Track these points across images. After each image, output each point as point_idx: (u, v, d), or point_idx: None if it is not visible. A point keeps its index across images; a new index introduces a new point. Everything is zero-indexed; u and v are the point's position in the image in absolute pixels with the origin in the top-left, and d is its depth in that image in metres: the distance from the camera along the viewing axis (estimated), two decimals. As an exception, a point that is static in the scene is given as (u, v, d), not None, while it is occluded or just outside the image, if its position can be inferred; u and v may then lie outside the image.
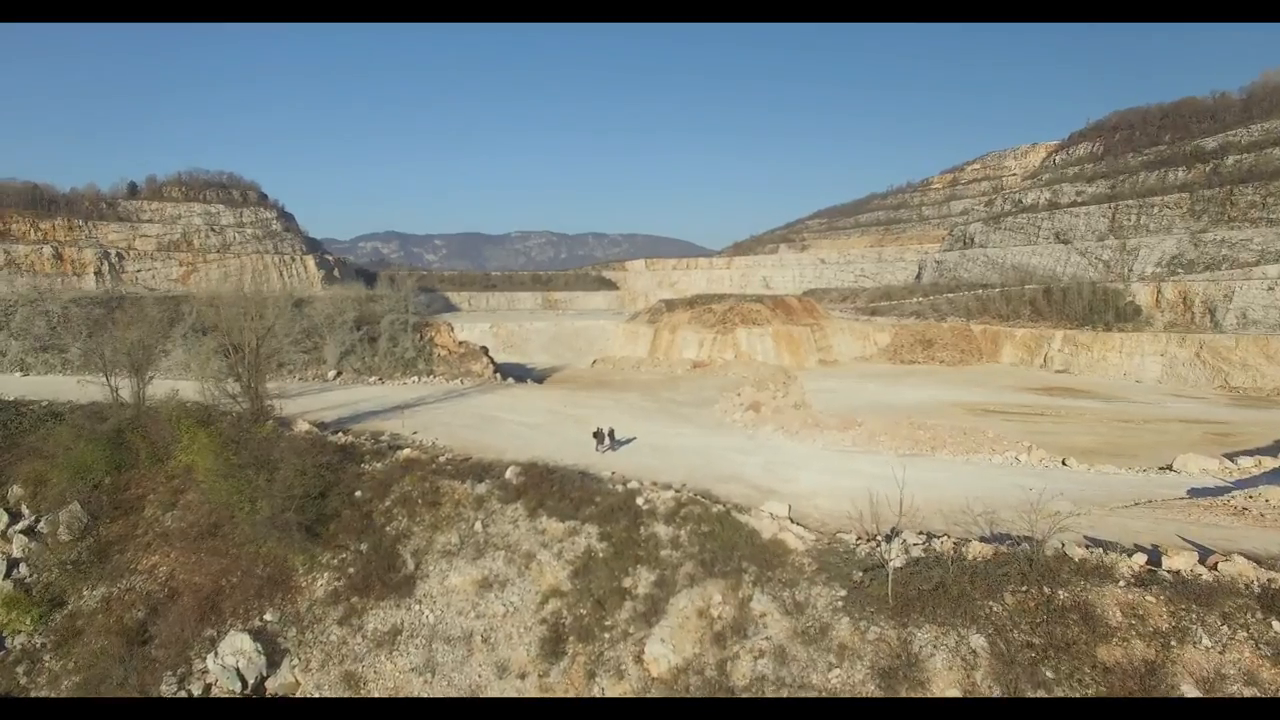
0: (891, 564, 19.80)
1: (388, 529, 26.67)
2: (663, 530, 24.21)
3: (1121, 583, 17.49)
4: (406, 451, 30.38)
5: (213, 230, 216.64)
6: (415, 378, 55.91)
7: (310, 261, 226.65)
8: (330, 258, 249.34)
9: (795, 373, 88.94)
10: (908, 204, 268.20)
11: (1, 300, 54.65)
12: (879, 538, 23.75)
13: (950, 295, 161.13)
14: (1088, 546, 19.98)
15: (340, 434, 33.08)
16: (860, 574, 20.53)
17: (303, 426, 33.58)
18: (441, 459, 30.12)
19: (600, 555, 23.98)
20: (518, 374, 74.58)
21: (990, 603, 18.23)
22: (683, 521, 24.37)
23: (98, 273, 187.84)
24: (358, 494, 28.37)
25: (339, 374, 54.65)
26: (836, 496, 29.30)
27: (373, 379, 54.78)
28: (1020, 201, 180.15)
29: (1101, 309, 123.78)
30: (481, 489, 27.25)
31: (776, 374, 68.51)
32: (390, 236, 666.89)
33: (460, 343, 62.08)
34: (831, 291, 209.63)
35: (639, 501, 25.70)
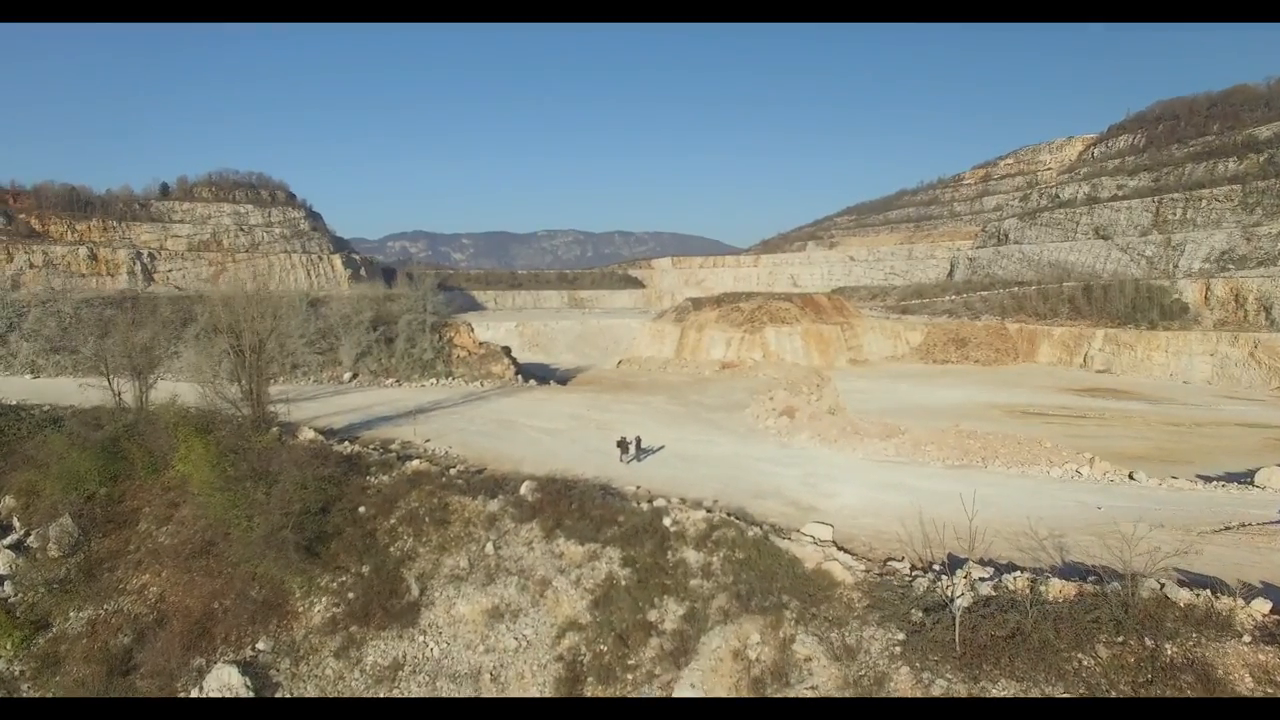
0: (957, 603, 17.10)
1: (391, 549, 24.51)
2: (693, 556, 21.72)
3: (1246, 637, 14.66)
4: (415, 463, 28.23)
5: (241, 230, 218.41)
6: (433, 380, 53.97)
7: (337, 260, 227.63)
8: (357, 257, 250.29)
9: (826, 373, 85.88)
10: (939, 200, 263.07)
11: (14, 301, 53.94)
12: (935, 567, 21.06)
13: (984, 293, 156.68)
14: (1188, 585, 17.11)
15: (346, 443, 31.05)
16: (920, 614, 17.86)
17: (307, 434, 31.63)
18: (453, 471, 27.93)
19: (623, 584, 21.58)
20: (541, 375, 72.45)
21: (1079, 655, 15.48)
22: (715, 546, 21.85)
23: (130, 273, 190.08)
24: (361, 509, 26.26)
25: (355, 376, 52.92)
26: (883, 515, 26.63)
27: (389, 381, 52.94)
28: (1057, 196, 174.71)
29: (1145, 307, 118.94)
30: (494, 506, 24.98)
31: (810, 376, 65.62)
32: (418, 236, 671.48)
33: (480, 343, 60.10)
34: (860, 289, 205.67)
35: (666, 522, 23.24)
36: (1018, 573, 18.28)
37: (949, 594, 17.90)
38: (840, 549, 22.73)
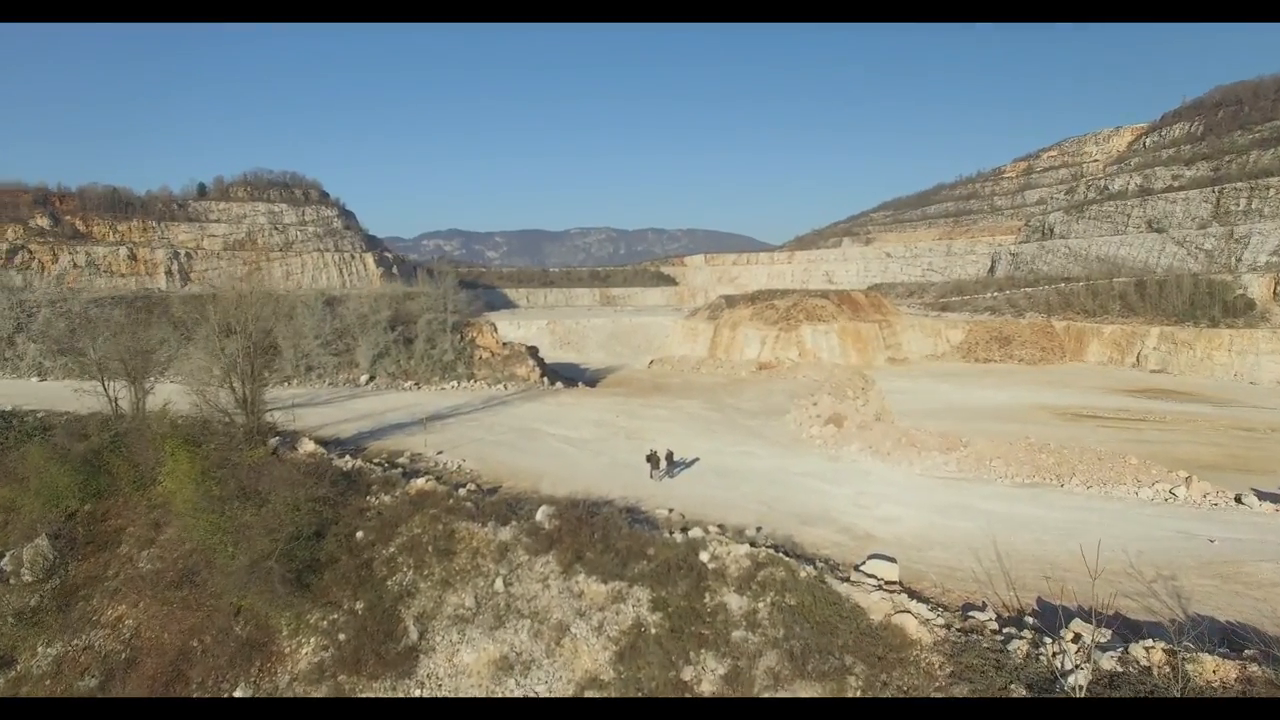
0: (1072, 680, 13.51)
1: (389, 583, 21.54)
2: (735, 602, 18.35)
3: None
4: (420, 482, 25.25)
5: (276, 229, 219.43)
6: (454, 382, 51.21)
7: (369, 259, 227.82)
8: (389, 255, 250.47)
9: (869, 374, 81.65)
10: (978, 194, 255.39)
11: (24, 302, 52.45)
12: (1028, 619, 17.45)
13: (1028, 290, 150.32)
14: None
15: (348, 456, 28.23)
16: (1021, 689, 14.28)
17: (307, 447, 28.88)
18: (462, 491, 24.90)
19: (652, 632, 18.30)
20: (569, 376, 69.65)
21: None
22: (761, 589, 18.46)
23: (168, 272, 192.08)
24: (359, 535, 23.36)
25: (372, 379, 50.37)
26: (953, 546, 23.02)
27: (408, 384, 50.29)
28: (1106, 188, 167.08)
29: (1205, 303, 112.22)
30: (506, 535, 21.87)
31: (854, 378, 61.66)
32: (453, 234, 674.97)
33: (504, 344, 57.26)
34: (898, 286, 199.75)
35: (703, 557, 19.90)
36: (1150, 641, 14.54)
37: (1059, 665, 14.31)
38: (908, 591, 19.22)
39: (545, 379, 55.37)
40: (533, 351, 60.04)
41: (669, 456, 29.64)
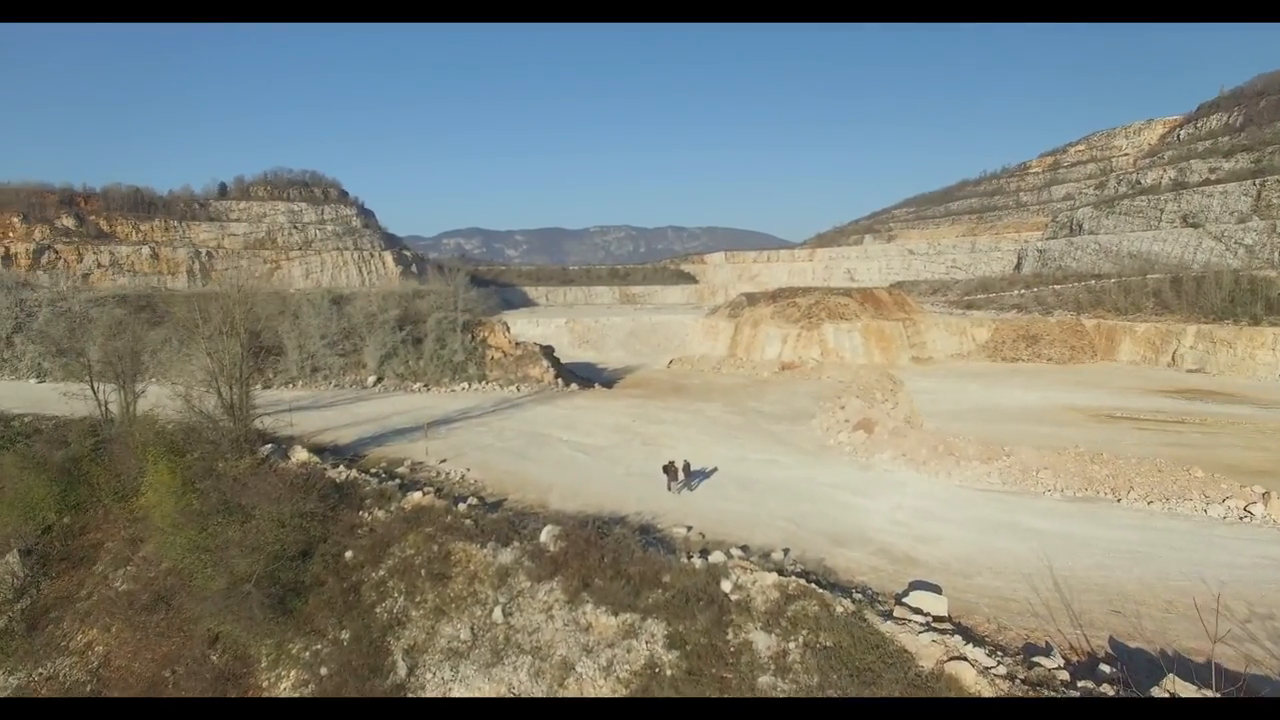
0: (1173, 755, 11.11)
1: (378, 610, 19.52)
2: (762, 641, 16.10)
3: None
4: (417, 495, 23.23)
5: (295, 228, 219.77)
6: (465, 384, 49.26)
7: (388, 257, 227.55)
8: (408, 253, 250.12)
9: (896, 374, 78.81)
10: (1003, 190, 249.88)
11: (24, 301, 51.26)
12: (1104, 668, 15.06)
13: (1056, 287, 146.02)
14: None
15: (343, 466, 26.25)
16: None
17: (300, 455, 26.98)
18: (462, 506, 22.81)
19: (668, 673, 16.11)
20: (586, 376, 67.48)
21: None
22: (792, 627, 16.20)
23: (189, 271, 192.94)
24: (348, 555, 21.39)
25: (379, 380, 48.57)
26: (1004, 571, 20.57)
27: (417, 385, 48.43)
28: (1138, 182, 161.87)
29: (1246, 300, 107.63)
30: (506, 557, 19.76)
31: (882, 379, 58.99)
32: (473, 233, 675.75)
33: (517, 343, 55.25)
34: (921, 284, 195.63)
35: (726, 587, 17.67)
36: (1268, 709, 12.06)
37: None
38: (958, 627, 16.88)
39: (560, 380, 53.31)
40: (547, 351, 57.99)
41: (686, 467, 27.41)
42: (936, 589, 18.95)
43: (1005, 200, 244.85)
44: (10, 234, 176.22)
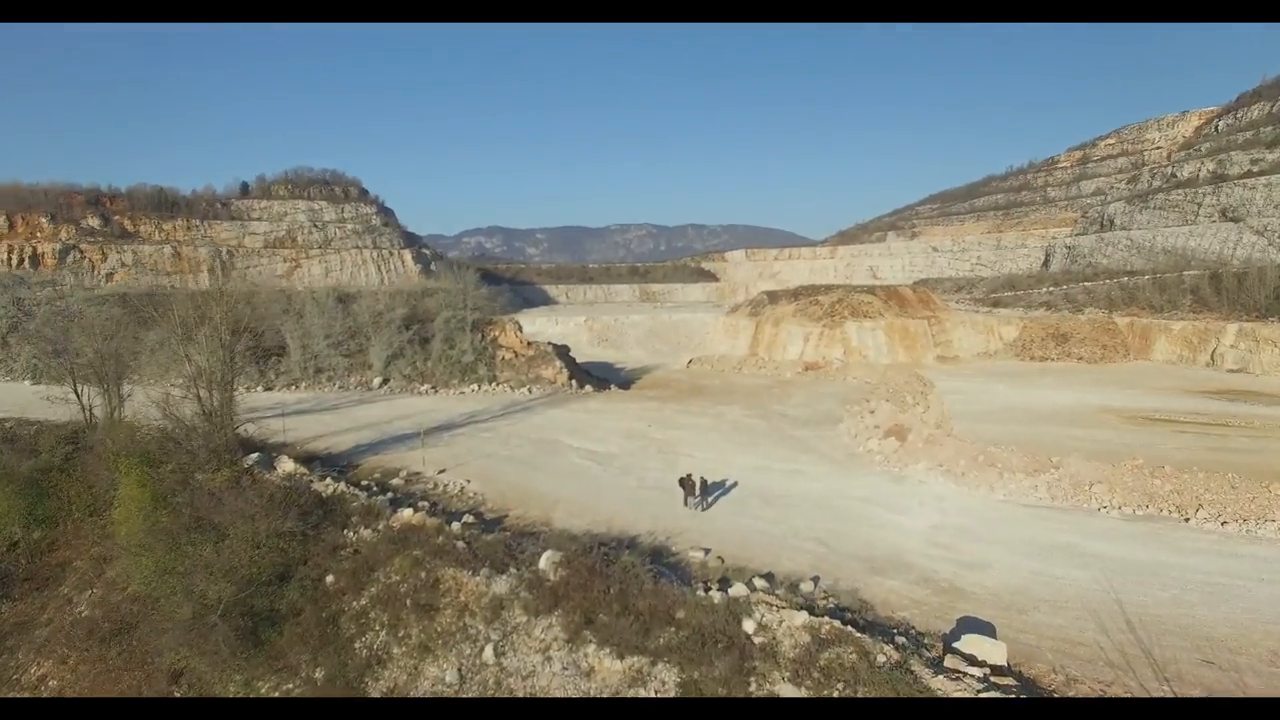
0: None
1: (357, 645, 17.45)
2: (790, 693, 13.77)
3: None
4: (407, 513, 21.13)
5: (315, 226, 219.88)
6: (474, 386, 47.27)
7: (408, 256, 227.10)
8: (427, 251, 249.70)
9: (923, 374, 75.80)
10: (1030, 185, 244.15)
11: (21, 300, 50.05)
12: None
13: (1087, 284, 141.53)
14: None
15: (330, 479, 24.20)
16: None
17: (286, 466, 25.02)
18: (456, 525, 20.66)
19: (680, 731, 13.83)
20: (603, 376, 65.22)
21: None
22: (825, 679, 13.86)
23: (211, 270, 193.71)
24: (329, 579, 19.35)
25: (385, 382, 46.71)
26: (1067, 606, 18.06)
27: (424, 387, 46.51)
28: (1173, 176, 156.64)
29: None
30: (501, 586, 17.59)
31: (911, 381, 56.19)
32: (494, 231, 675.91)
33: (529, 343, 53.19)
34: (945, 281, 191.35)
35: (748, 627, 15.37)
36: None
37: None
38: (1020, 678, 14.45)
39: (574, 381, 51.16)
40: (561, 351, 55.89)
41: (703, 484, 25.02)
42: (990, 629, 16.55)
43: (1032, 196, 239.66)
44: (38, 234, 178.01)
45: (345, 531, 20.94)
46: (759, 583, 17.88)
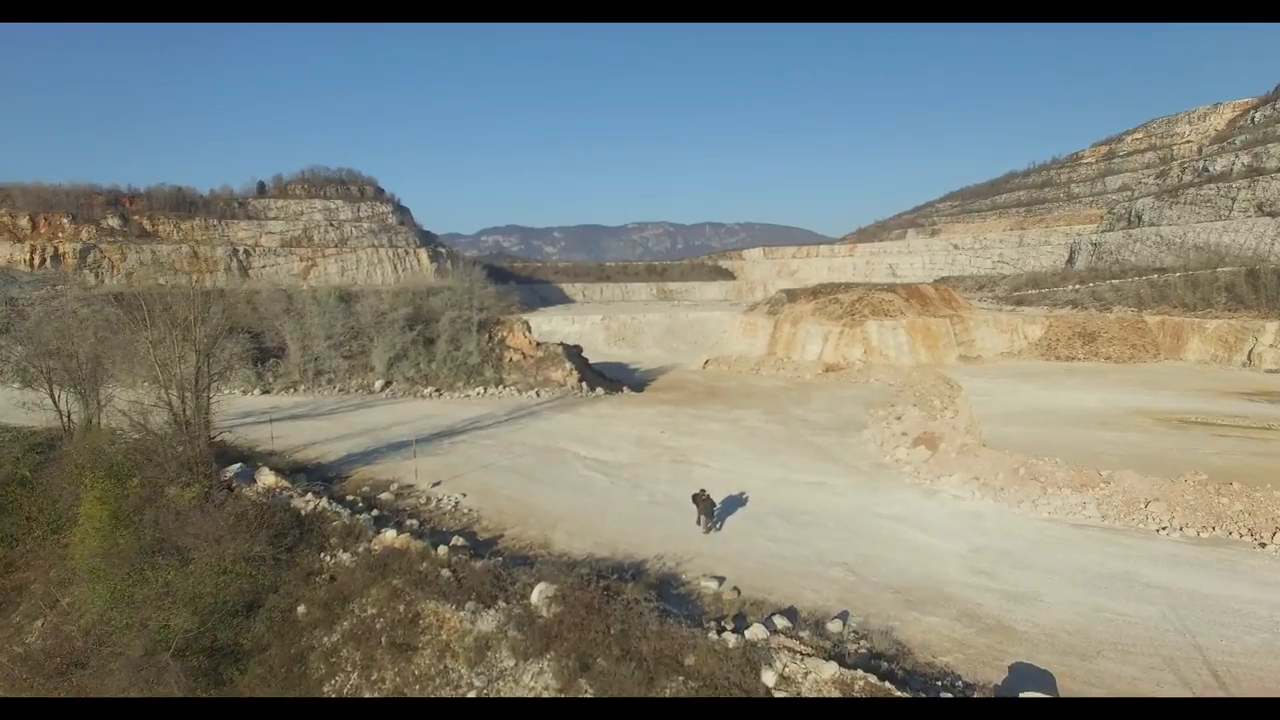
0: None
1: (325, 689, 15.48)
2: (819, 770, 11.61)
3: None
4: (390, 535, 19.14)
5: (331, 225, 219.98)
6: (480, 389, 45.38)
7: (423, 254, 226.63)
8: (443, 250, 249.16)
9: (947, 375, 73.05)
10: (1053, 181, 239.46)
11: (14, 299, 48.82)
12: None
13: (1114, 281, 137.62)
14: None
15: (311, 495, 22.25)
16: None
17: (266, 480, 23.14)
18: (443, 549, 18.64)
19: (689, 807, 11.71)
20: (617, 377, 63.13)
21: None
22: (860, 748, 11.66)
23: (228, 269, 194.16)
24: (300, 610, 17.41)
25: (388, 384, 44.92)
26: (1136, 651, 15.72)
27: (428, 390, 44.67)
28: (1206, 170, 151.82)
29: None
30: (488, 623, 15.56)
31: (938, 384, 53.64)
32: (511, 230, 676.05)
33: (538, 344, 51.20)
34: (966, 279, 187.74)
35: (767, 678, 13.23)
36: None
37: None
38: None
39: (584, 383, 49.12)
40: (572, 352, 53.85)
41: (710, 509, 22.73)
42: (1049, 681, 14.31)
43: (1056, 192, 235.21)
44: (60, 234, 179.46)
45: (322, 555, 19.01)
46: (779, 621, 15.71)
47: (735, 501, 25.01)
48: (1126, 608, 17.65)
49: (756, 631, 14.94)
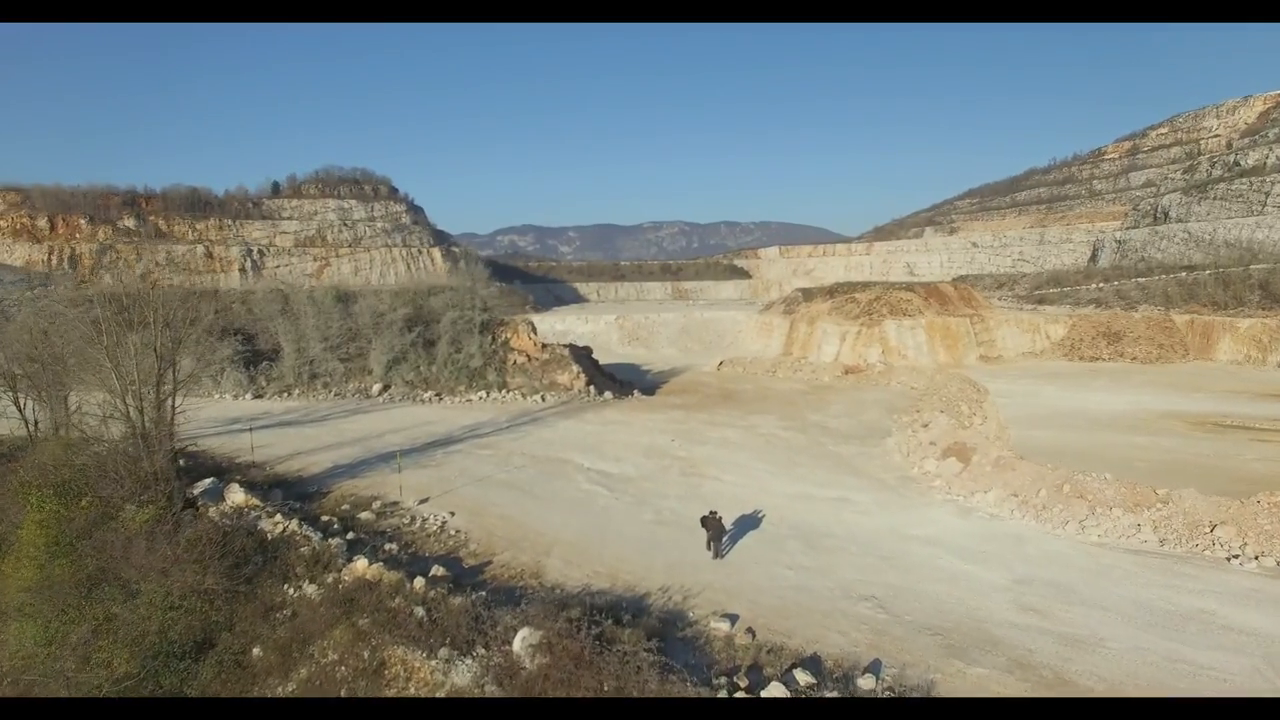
0: None
1: (274, 752, 13.36)
2: None
3: None
4: (360, 565, 17.03)
5: (345, 225, 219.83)
6: (483, 393, 43.33)
7: (437, 253, 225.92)
8: (456, 249, 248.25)
9: (974, 378, 70.27)
10: (1075, 178, 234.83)
11: None
12: None
13: (1140, 280, 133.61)
14: None
15: (281, 516, 20.18)
16: None
17: (235, 498, 21.12)
18: (419, 582, 16.49)
19: None
20: (628, 378, 60.95)
21: None
22: None
23: (241, 269, 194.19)
24: (255, 652, 15.34)
25: (386, 388, 42.96)
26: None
27: (428, 395, 42.67)
28: (1236, 165, 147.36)
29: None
30: (463, 676, 13.39)
31: (964, 388, 51.04)
32: (527, 230, 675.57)
33: (543, 346, 49.06)
34: (985, 278, 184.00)
35: (788, 757, 10.94)
36: None
37: None
38: None
39: (592, 387, 46.95)
40: (579, 354, 51.71)
41: (721, 534, 20.41)
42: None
43: (1077, 189, 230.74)
44: (77, 234, 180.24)
45: (286, 586, 16.93)
46: (801, 677, 13.41)
47: (750, 521, 22.75)
48: (1209, 658, 15.19)
49: (774, 690, 12.67)
